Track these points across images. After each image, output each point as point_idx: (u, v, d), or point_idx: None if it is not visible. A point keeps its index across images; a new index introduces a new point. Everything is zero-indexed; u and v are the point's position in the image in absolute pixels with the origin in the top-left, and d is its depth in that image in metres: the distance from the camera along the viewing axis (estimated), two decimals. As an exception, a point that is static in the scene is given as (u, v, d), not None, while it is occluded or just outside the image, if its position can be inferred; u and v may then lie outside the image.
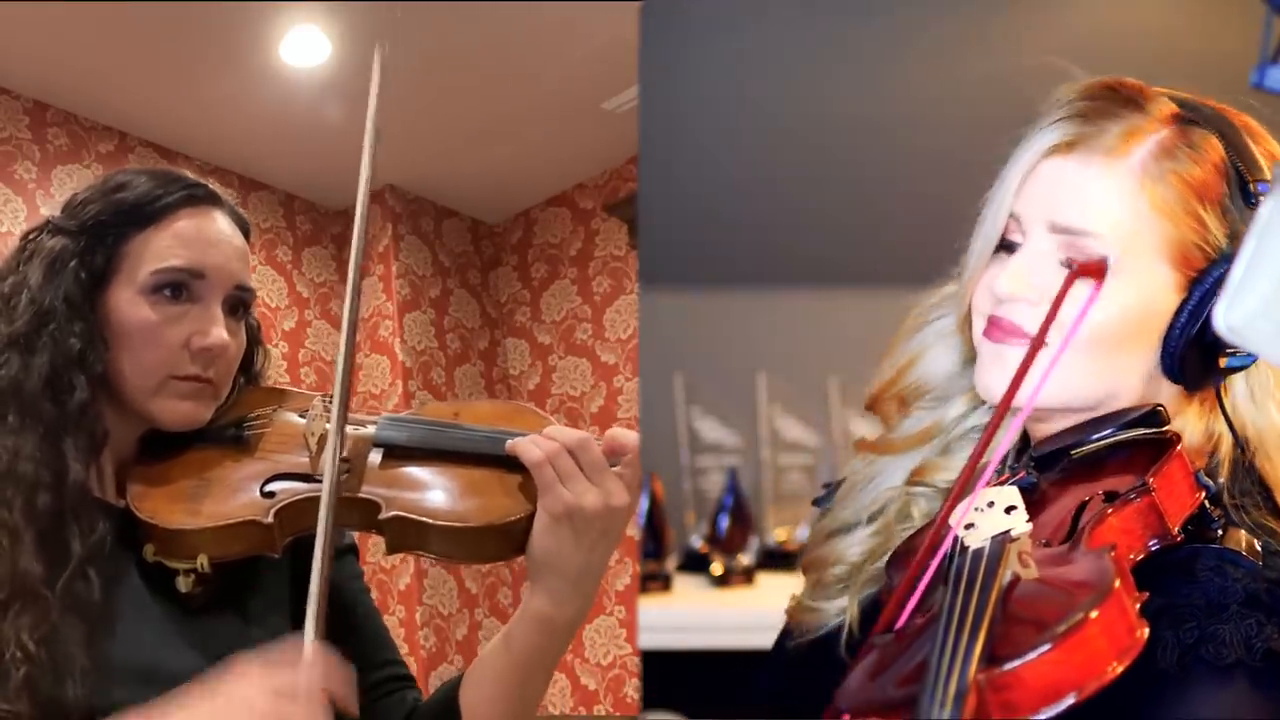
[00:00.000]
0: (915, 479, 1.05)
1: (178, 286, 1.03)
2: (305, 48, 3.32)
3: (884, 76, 2.14)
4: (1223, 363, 0.95)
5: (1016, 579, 0.76)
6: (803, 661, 1.03)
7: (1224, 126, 0.97)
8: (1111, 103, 0.97)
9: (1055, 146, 0.96)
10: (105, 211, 1.05)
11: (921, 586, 0.80)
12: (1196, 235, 0.94)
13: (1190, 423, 0.96)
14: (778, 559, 2.35)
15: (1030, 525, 0.80)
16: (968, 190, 1.02)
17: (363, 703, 1.08)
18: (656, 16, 2.16)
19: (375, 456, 1.04)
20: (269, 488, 1.02)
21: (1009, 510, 0.80)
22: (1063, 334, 0.91)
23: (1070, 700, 0.67)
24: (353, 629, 1.11)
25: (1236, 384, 0.97)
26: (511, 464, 1.01)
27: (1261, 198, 0.94)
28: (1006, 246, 0.98)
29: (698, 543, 2.82)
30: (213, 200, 1.09)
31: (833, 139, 2.26)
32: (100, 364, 1.01)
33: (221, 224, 1.08)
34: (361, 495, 1.00)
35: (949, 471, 1.03)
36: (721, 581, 2.30)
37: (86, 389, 1.00)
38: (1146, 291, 0.94)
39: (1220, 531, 0.88)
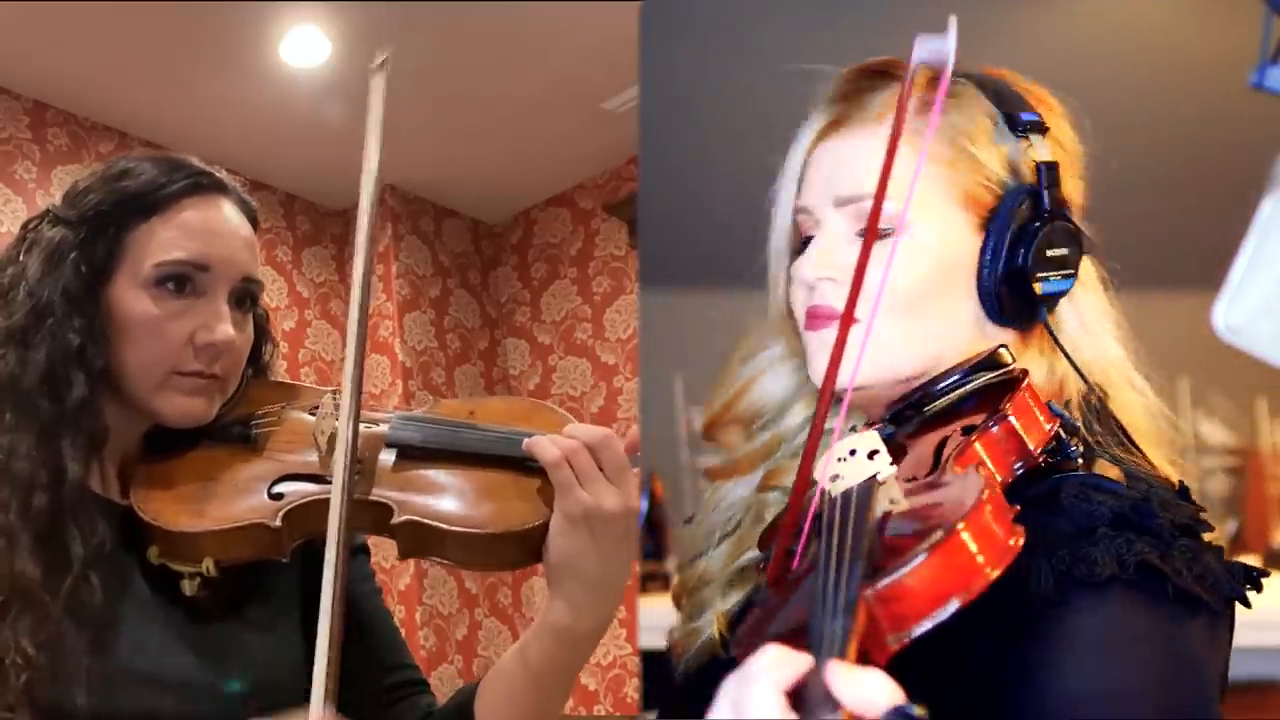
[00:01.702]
0: (766, 484, 1.05)
1: (182, 279, 0.99)
2: (305, 48, 3.32)
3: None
4: (1039, 289, 0.95)
5: (889, 514, 0.77)
6: (699, 681, 1.01)
7: (981, 79, 0.99)
8: (868, 79, 0.99)
9: (823, 130, 0.98)
10: (107, 201, 1.00)
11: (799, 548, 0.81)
12: (978, 175, 0.96)
13: (1032, 366, 0.97)
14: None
15: (894, 467, 0.81)
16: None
17: (376, 707, 1.06)
18: (656, 16, 2.16)
19: (388, 457, 1.00)
20: (277, 489, 0.98)
21: (872, 455, 0.81)
22: (873, 304, 0.91)
23: (955, 604, 0.68)
24: (365, 633, 1.07)
25: (1067, 320, 0.99)
26: (529, 466, 0.97)
27: (1028, 125, 0.96)
28: (805, 244, 0.99)
29: (698, 543, 2.83)
30: (219, 188, 1.05)
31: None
32: (100, 360, 0.97)
33: (228, 213, 1.03)
34: (373, 498, 0.96)
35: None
36: (721, 581, 2.30)
37: (85, 386, 0.96)
38: (945, 241, 0.95)
39: (1080, 461, 0.88)
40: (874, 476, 0.79)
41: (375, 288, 4.17)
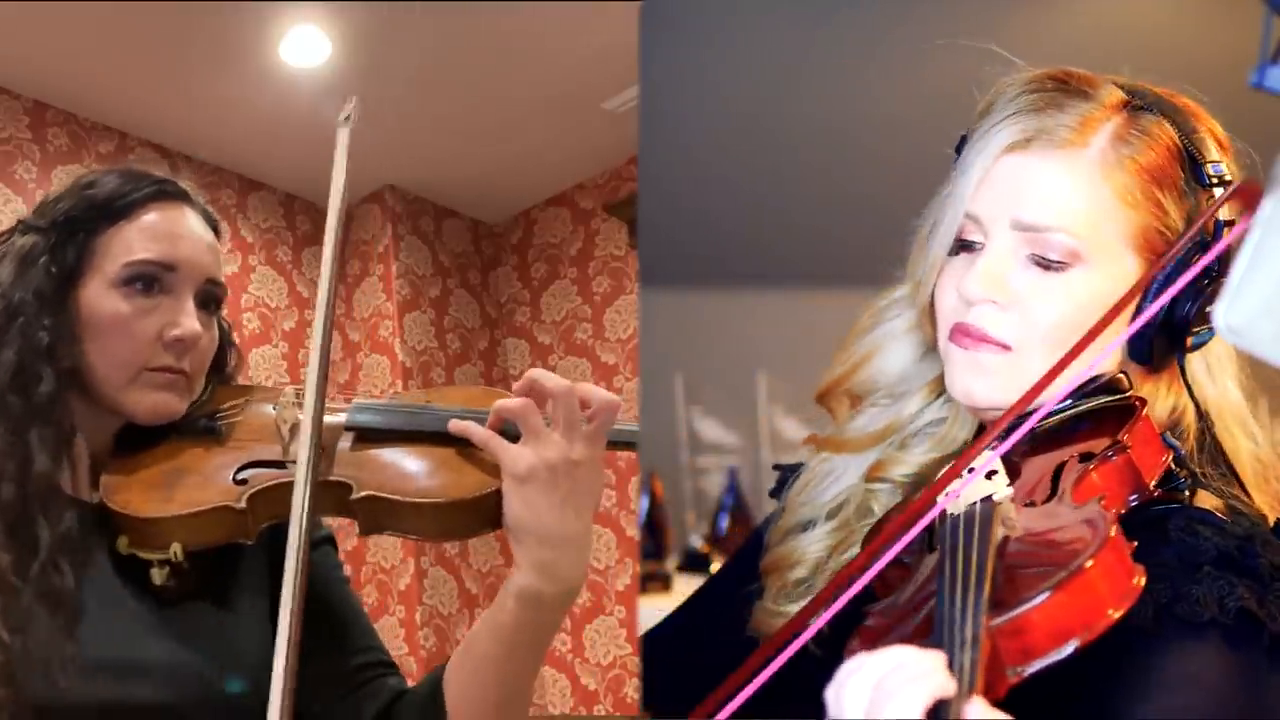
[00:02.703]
0: (874, 475, 1.04)
1: (149, 279, 1.04)
2: (305, 48, 3.32)
3: (888, 76, 2.14)
4: (1190, 342, 0.96)
5: (1007, 538, 0.77)
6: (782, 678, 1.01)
7: (1170, 110, 0.98)
8: (1061, 94, 0.97)
9: (1013, 144, 0.95)
10: (76, 208, 1.05)
11: (892, 552, 0.79)
12: (1158, 221, 0.95)
13: (1157, 401, 0.97)
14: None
15: (1011, 489, 0.80)
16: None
17: (343, 689, 1.08)
18: (656, 16, 2.16)
19: (345, 441, 1.04)
20: (241, 475, 1.02)
21: (990, 475, 0.81)
22: (1039, 334, 0.92)
23: (1075, 644, 0.68)
24: (331, 617, 1.11)
25: (1194, 360, 0.98)
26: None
27: (1214, 178, 0.95)
28: (965, 246, 0.98)
29: (698, 543, 2.83)
30: (181, 196, 1.09)
31: (833, 138, 2.25)
32: (69, 358, 1.01)
33: (191, 219, 1.08)
34: (332, 478, 1.00)
35: (907, 466, 1.03)
36: (721, 581, 2.31)
37: (53, 381, 1.00)
38: (1114, 281, 0.94)
39: (1188, 493, 0.89)
40: (990, 497, 0.79)
41: (374, 288, 4.17)
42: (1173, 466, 0.89)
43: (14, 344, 1.01)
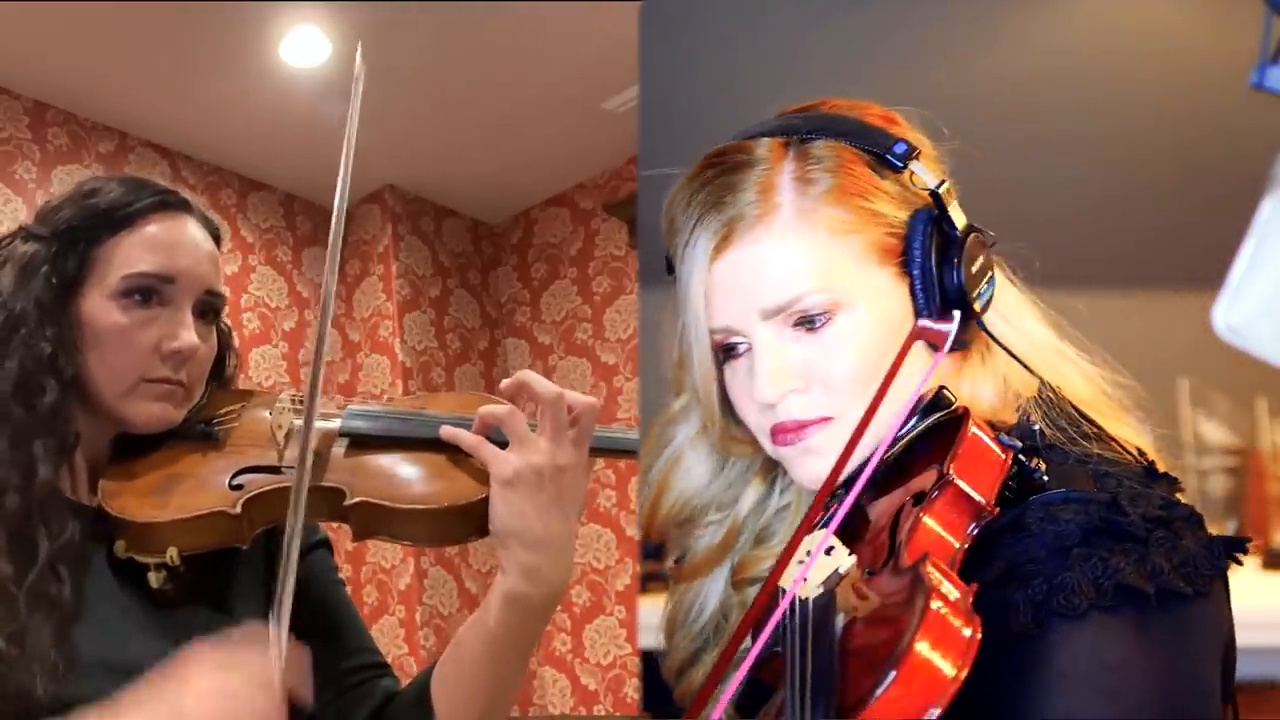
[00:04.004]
0: (739, 578, 1.04)
1: (148, 291, 1.05)
2: (305, 48, 3.32)
3: (887, 76, 2.14)
4: (977, 306, 0.95)
5: (854, 618, 0.75)
6: None
7: (825, 124, 0.97)
8: (725, 173, 0.96)
9: (715, 247, 0.94)
10: (77, 217, 1.06)
11: (754, 653, 0.76)
12: (882, 227, 0.94)
13: (979, 383, 0.96)
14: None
15: (854, 558, 0.77)
16: (975, 191, 1.02)
17: (336, 691, 1.10)
18: (656, 16, 2.16)
19: (339, 447, 1.05)
20: (237, 480, 1.03)
21: (828, 552, 0.77)
22: (846, 391, 0.91)
23: (935, 714, 0.67)
24: (325, 620, 1.12)
25: (992, 322, 0.97)
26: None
27: (903, 157, 0.95)
28: (728, 350, 0.97)
29: (698, 543, 2.82)
30: (183, 206, 1.10)
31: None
32: (71, 367, 1.02)
33: (192, 230, 1.09)
34: (326, 484, 1.01)
35: (770, 558, 1.02)
36: (721, 581, 2.30)
37: (56, 392, 1.01)
38: (881, 304, 0.93)
39: (1045, 479, 0.87)
40: (835, 572, 0.76)
41: (374, 288, 4.17)
42: (1022, 459, 0.87)
43: (16, 354, 1.01)
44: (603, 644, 3.95)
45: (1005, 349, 0.96)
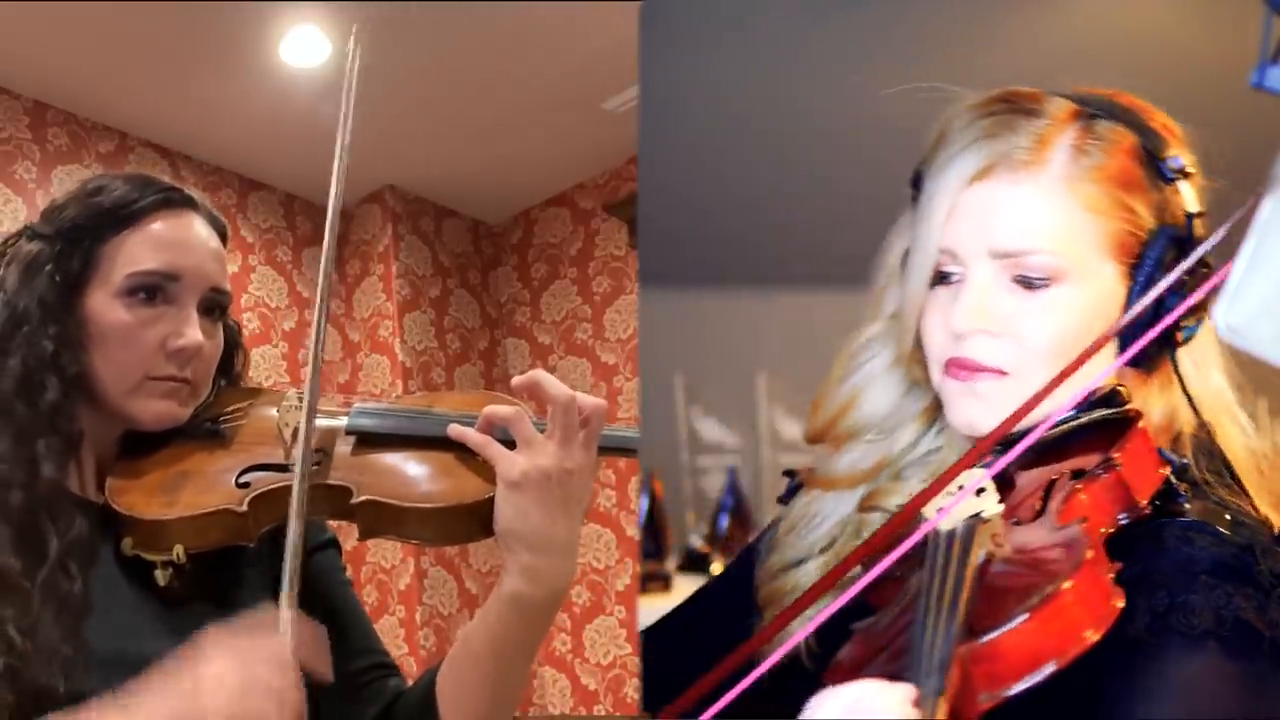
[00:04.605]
0: (868, 504, 1.04)
1: (153, 289, 1.04)
2: (305, 48, 3.32)
3: (889, 75, 2.14)
4: (1180, 337, 0.96)
5: (991, 558, 0.77)
6: (776, 687, 1.02)
7: (1121, 112, 0.98)
8: (1011, 114, 0.97)
9: (974, 174, 0.95)
10: (81, 215, 1.06)
11: (880, 567, 0.80)
12: (1129, 224, 0.95)
13: (1151, 404, 0.97)
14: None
15: (1001, 506, 0.80)
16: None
17: (344, 691, 1.10)
18: (656, 16, 2.16)
19: (345, 445, 1.05)
20: (244, 478, 1.03)
21: (979, 493, 0.81)
22: (1034, 356, 0.93)
23: (1050, 668, 0.68)
24: (334, 618, 1.11)
25: (1181, 356, 0.98)
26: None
27: (1176, 172, 0.96)
28: (942, 279, 0.98)
29: (698, 543, 2.83)
30: (188, 204, 1.10)
31: (834, 139, 2.25)
32: (75, 365, 1.02)
33: (197, 227, 1.09)
34: (332, 482, 1.02)
35: (902, 496, 1.03)
36: (721, 581, 2.30)
37: (58, 390, 1.01)
38: (1097, 291, 0.95)
39: (1188, 506, 0.88)
40: (978, 515, 0.79)
41: (374, 288, 4.17)
42: (1172, 480, 0.89)
43: (19, 352, 1.01)
44: (603, 644, 3.95)
45: (1184, 387, 0.97)
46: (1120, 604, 0.72)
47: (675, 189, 2.26)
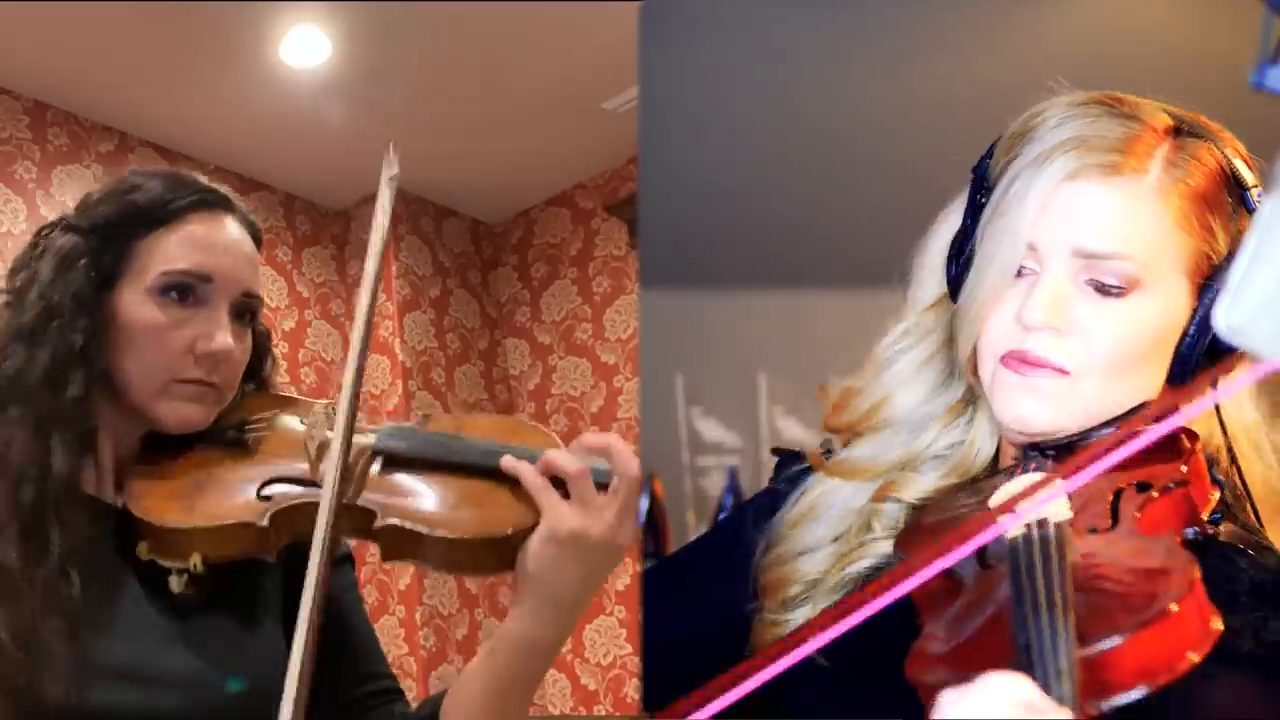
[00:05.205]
0: (883, 494, 1.04)
1: (185, 289, 1.03)
2: (305, 48, 3.32)
3: (889, 75, 2.14)
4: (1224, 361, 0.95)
5: (1072, 564, 0.76)
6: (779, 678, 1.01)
7: (1208, 134, 0.98)
8: (1110, 115, 0.97)
9: (1070, 172, 0.95)
10: (116, 212, 1.05)
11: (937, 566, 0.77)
12: (1207, 245, 0.95)
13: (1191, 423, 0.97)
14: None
15: (1070, 513, 0.79)
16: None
17: (351, 713, 1.08)
18: (656, 16, 2.15)
19: (374, 465, 1.03)
20: (266, 491, 1.01)
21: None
22: (1098, 361, 0.93)
23: (1149, 687, 0.67)
24: (345, 640, 1.10)
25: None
26: (511, 477, 1.00)
27: (1259, 203, 0.95)
28: (1015, 272, 0.97)
29: (698, 543, 2.82)
30: (225, 205, 1.09)
31: (835, 138, 2.25)
32: (100, 361, 1.01)
33: (232, 229, 1.08)
34: (358, 503, 0.99)
35: (920, 489, 1.03)
36: (721, 581, 2.30)
37: (82, 385, 1.00)
38: (1167, 305, 0.95)
39: (1221, 528, 0.89)
40: (1045, 521, 0.78)
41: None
42: (1226, 501, 0.90)
43: (49, 345, 1.00)
44: (603, 644, 3.95)
45: (1218, 413, 0.96)
46: (1219, 626, 0.71)
47: (675, 189, 2.26)
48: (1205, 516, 0.86)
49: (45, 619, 0.92)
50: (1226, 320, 0.61)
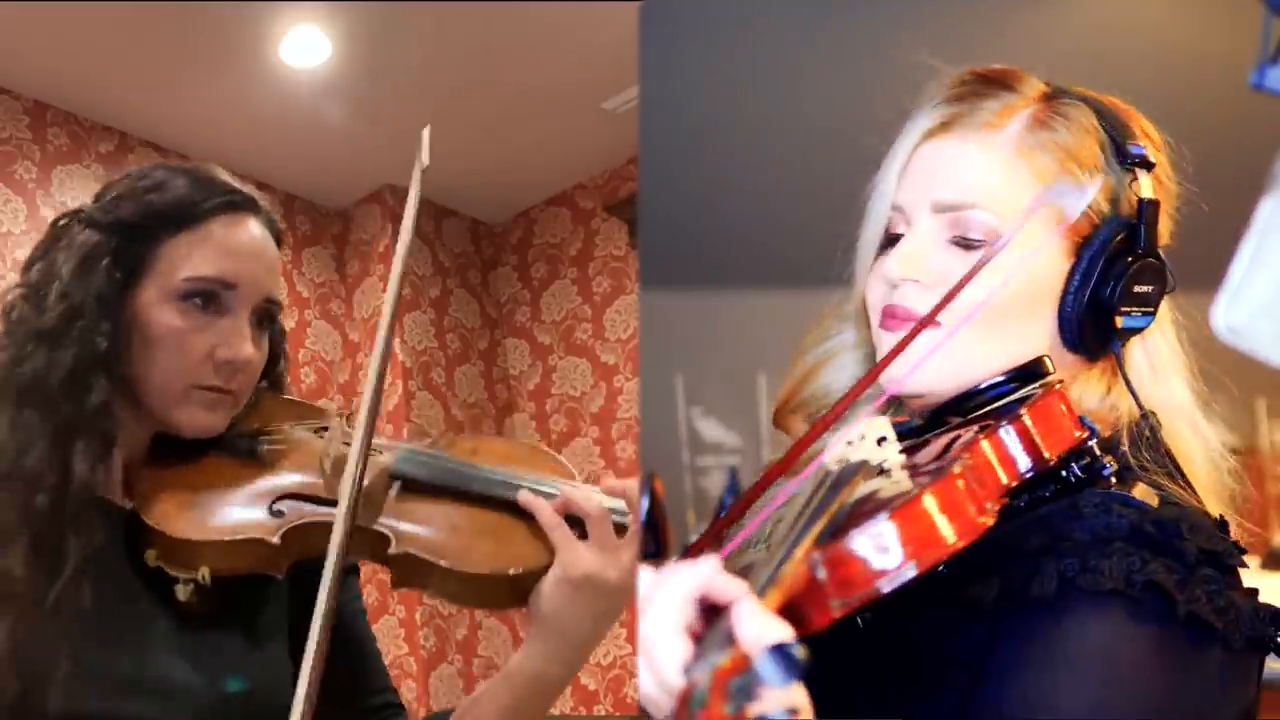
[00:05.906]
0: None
1: (208, 295, 1.01)
2: (305, 48, 3.32)
3: (889, 75, 2.14)
4: (1119, 323, 0.95)
5: (872, 496, 0.77)
6: None
7: (1092, 101, 0.99)
8: (984, 85, 0.98)
9: (931, 130, 0.97)
10: (141, 211, 1.02)
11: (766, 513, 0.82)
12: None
13: (1089, 389, 0.97)
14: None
15: (902, 456, 0.80)
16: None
17: None
18: (656, 16, 2.15)
19: (392, 490, 1.02)
20: (279, 506, 1.00)
21: (880, 441, 0.81)
22: (957, 316, 0.91)
23: (910, 572, 0.68)
24: (349, 653, 1.09)
25: (1136, 358, 0.98)
26: (527, 512, 1.00)
27: (1136, 159, 0.96)
28: (891, 241, 0.99)
29: (698, 543, 2.82)
30: (250, 207, 1.07)
31: (835, 139, 2.25)
32: (125, 366, 0.99)
33: (256, 232, 1.06)
34: (374, 528, 0.98)
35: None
36: (721, 581, 2.30)
37: (106, 390, 0.98)
38: (1037, 262, 0.94)
39: (1113, 479, 0.87)
40: (866, 461, 0.79)
41: (374, 288, 4.17)
42: (1095, 450, 0.88)
43: (72, 347, 0.98)
44: (603, 644, 3.95)
45: (1126, 380, 0.96)
46: (987, 521, 0.72)
47: (675, 189, 2.25)
48: (1054, 455, 0.85)
49: (51, 627, 0.90)
50: (1226, 321, 0.61)
